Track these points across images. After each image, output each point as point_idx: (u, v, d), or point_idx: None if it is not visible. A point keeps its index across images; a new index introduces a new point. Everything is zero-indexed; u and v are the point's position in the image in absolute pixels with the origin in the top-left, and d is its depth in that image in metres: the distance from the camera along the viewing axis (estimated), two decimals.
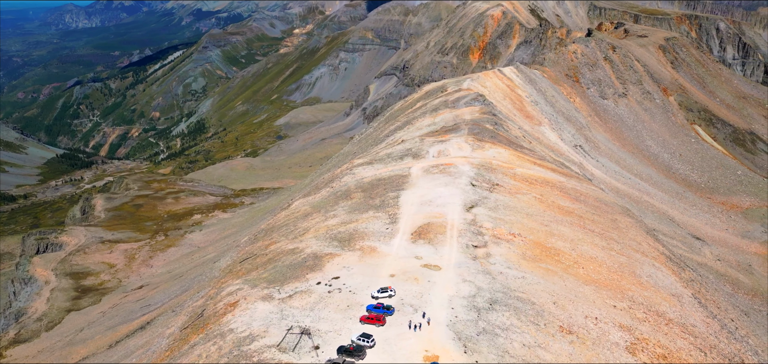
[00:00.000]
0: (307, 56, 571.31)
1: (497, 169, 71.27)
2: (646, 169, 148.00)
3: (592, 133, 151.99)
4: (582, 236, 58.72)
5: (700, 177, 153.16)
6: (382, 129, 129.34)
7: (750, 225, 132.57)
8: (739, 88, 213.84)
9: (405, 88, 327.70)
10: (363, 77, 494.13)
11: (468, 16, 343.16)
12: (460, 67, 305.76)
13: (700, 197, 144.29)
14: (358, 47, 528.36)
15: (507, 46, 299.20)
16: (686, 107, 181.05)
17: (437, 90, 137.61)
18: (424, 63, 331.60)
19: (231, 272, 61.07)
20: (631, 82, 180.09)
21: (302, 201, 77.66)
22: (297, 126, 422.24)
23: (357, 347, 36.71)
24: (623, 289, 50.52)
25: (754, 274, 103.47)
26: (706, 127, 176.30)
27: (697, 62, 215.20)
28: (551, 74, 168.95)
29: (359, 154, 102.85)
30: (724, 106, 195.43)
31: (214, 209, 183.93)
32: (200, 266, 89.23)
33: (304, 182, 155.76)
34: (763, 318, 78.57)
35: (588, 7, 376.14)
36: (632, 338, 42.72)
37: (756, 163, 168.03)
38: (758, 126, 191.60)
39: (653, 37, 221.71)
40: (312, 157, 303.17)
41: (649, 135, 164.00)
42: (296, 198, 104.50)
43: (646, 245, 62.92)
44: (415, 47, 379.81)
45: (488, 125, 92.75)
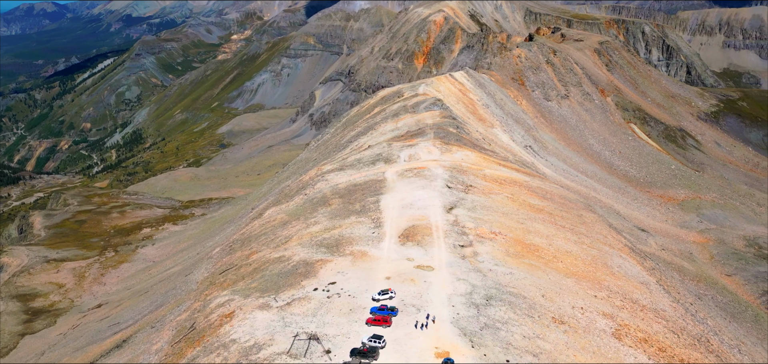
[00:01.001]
0: (248, 62, 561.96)
1: (468, 171, 73.87)
2: (590, 166, 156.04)
3: (540, 133, 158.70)
4: (555, 231, 62.07)
5: (639, 172, 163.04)
6: (341, 135, 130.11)
7: (686, 216, 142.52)
8: (668, 88, 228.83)
9: (352, 94, 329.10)
10: (307, 83, 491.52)
11: (411, 22, 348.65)
12: (406, 72, 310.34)
13: (640, 191, 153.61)
14: (300, 53, 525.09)
15: (450, 51, 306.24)
16: (622, 107, 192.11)
17: (394, 95, 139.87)
18: (369, 68, 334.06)
19: (213, 284, 60.44)
20: (572, 84, 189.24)
21: (276, 209, 77.53)
22: (241, 134, 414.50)
23: (370, 349, 37.71)
24: (599, 280, 54.01)
25: (696, 261, 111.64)
26: (641, 125, 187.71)
27: (628, 64, 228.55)
28: (498, 78, 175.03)
29: (325, 161, 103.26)
30: (655, 105, 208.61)
31: (164, 221, 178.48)
32: (166, 280, 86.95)
33: (261, 190, 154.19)
34: (711, 301, 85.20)
35: (524, 13, 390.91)
36: (616, 325, 45.96)
37: (687, 157, 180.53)
38: (686, 123, 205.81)
39: (588, 41, 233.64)
40: (260, 165, 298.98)
41: (590, 134, 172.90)
42: (261, 206, 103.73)
43: (611, 237, 67.20)
44: (359, 52, 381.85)
45: (451, 129, 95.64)
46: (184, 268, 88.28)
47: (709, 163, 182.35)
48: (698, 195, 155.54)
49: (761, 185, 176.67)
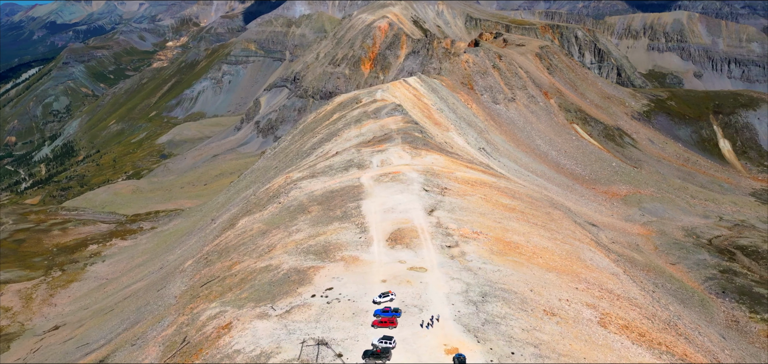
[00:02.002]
0: (187, 70, 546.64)
1: (440, 174, 76.08)
2: (539, 166, 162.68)
3: (491, 135, 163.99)
4: (529, 229, 65.13)
5: (584, 170, 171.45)
6: (301, 142, 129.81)
7: (630, 210, 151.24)
8: (603, 90, 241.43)
9: (299, 100, 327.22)
10: (249, 90, 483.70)
11: (356, 28, 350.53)
12: (353, 77, 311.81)
13: (586, 188, 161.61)
14: (241, 59, 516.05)
15: (396, 57, 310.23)
16: (565, 108, 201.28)
17: (352, 101, 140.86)
18: (316, 74, 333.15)
19: (198, 297, 59.54)
20: (518, 87, 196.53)
21: (250, 219, 77.00)
22: (182, 144, 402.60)
23: (383, 350, 38.72)
24: (577, 273, 57.25)
25: (643, 252, 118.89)
26: (583, 125, 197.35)
27: (567, 68, 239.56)
28: (449, 83, 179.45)
29: (290, 168, 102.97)
30: (593, 106, 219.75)
31: (111, 237, 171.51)
32: (133, 297, 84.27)
33: (217, 200, 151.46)
34: (662, 289, 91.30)
35: (465, 18, 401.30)
36: (599, 314, 49.04)
37: (625, 154, 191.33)
38: (622, 122, 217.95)
39: (530, 46, 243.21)
40: (206, 175, 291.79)
41: (537, 135, 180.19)
42: (226, 217, 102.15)
43: (578, 233, 71.09)
44: (304, 59, 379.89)
45: (417, 134, 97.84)
46: (151, 283, 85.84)
47: (645, 160, 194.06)
48: (638, 190, 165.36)
49: (693, 179, 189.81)
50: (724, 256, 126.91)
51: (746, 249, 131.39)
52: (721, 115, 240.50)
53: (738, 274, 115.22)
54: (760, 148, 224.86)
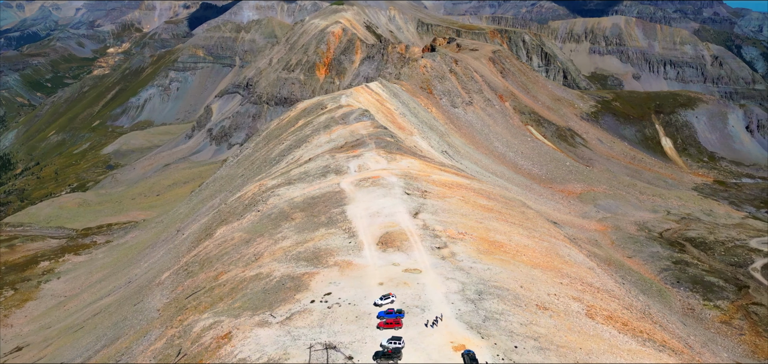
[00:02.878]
0: (131, 77, 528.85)
1: (418, 177, 77.68)
2: (499, 167, 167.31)
3: (452, 138, 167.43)
4: (508, 228, 67.55)
5: (540, 170, 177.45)
6: (267, 149, 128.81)
7: (585, 207, 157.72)
8: (553, 92, 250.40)
9: (253, 106, 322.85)
10: (199, 97, 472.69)
11: (309, 33, 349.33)
12: (308, 83, 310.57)
13: (544, 187, 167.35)
14: (189, 66, 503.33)
15: (351, 62, 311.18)
16: (519, 111, 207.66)
17: (316, 107, 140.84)
18: (270, 80, 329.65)
19: (185, 308, 58.70)
20: (474, 91, 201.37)
21: (228, 228, 76.29)
22: (129, 154, 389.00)
23: (394, 350, 39.64)
24: (558, 268, 59.94)
25: (602, 247, 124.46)
26: (537, 126, 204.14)
27: (519, 71, 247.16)
28: (409, 88, 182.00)
29: (261, 176, 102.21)
30: (545, 108, 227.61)
31: (63, 252, 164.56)
32: (105, 313, 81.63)
33: (178, 210, 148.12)
34: (627, 281, 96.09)
35: (417, 24, 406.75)
36: (585, 306, 51.67)
37: (578, 154, 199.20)
38: (573, 123, 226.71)
39: (482, 51, 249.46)
40: (158, 186, 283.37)
41: (495, 137, 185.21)
42: (195, 228, 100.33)
43: (552, 230, 74.18)
44: (257, 64, 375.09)
45: (388, 138, 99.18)
46: (123, 298, 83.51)
47: (596, 159, 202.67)
48: (592, 188, 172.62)
49: (640, 176, 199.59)
50: (675, 248, 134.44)
51: (694, 241, 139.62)
52: (662, 114, 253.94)
53: (689, 264, 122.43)
54: (699, 145, 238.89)
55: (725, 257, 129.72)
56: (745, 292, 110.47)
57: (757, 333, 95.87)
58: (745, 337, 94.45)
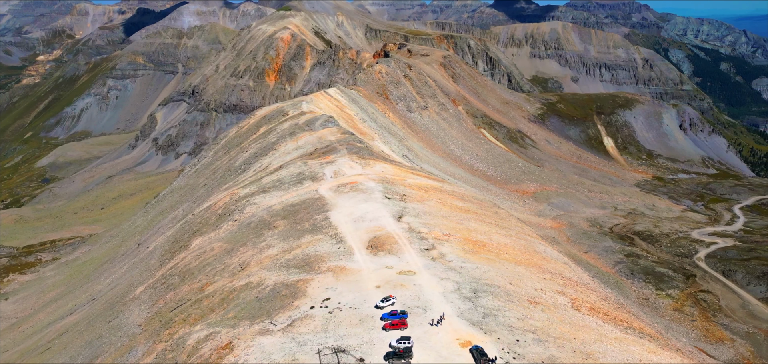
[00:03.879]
0: (66, 86, 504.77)
1: (395, 182, 79.05)
2: (456, 169, 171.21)
3: (410, 142, 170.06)
4: (487, 228, 69.91)
5: (495, 171, 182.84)
6: (228, 157, 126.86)
7: (540, 206, 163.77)
8: (502, 96, 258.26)
9: (201, 114, 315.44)
10: (140, 105, 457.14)
11: (257, 39, 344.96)
12: (258, 89, 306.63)
13: (500, 187, 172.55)
14: (128, 73, 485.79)
15: (302, 68, 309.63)
16: (472, 114, 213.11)
17: (277, 114, 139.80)
18: (217, 87, 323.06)
19: (172, 322, 57.61)
20: (428, 96, 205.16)
21: (205, 239, 75.19)
22: (67, 166, 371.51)
23: (405, 349, 40.64)
24: (538, 264, 62.67)
25: (560, 243, 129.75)
26: (489, 129, 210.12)
27: (469, 76, 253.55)
28: (366, 93, 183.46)
29: (229, 185, 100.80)
30: (495, 111, 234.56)
31: (7, 272, 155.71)
32: (73, 332, 78.30)
33: (134, 223, 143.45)
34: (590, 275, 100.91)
35: (365, 29, 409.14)
36: (569, 300, 54.40)
37: (529, 155, 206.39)
38: (522, 125, 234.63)
39: (433, 56, 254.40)
40: (102, 199, 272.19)
41: (451, 140, 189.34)
42: (161, 240, 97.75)
43: (525, 228, 77.26)
44: (202, 71, 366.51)
45: (358, 144, 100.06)
46: (92, 315, 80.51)
47: (545, 159, 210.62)
48: (545, 187, 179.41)
49: (587, 174, 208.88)
50: (625, 242, 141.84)
51: (642, 234, 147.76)
52: (603, 115, 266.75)
53: (640, 257, 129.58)
54: (638, 143, 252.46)
55: (671, 248, 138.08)
56: (693, 281, 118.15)
57: (707, 319, 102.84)
58: (697, 323, 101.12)
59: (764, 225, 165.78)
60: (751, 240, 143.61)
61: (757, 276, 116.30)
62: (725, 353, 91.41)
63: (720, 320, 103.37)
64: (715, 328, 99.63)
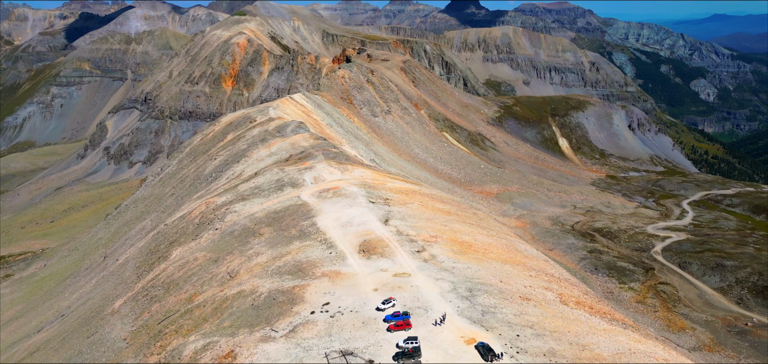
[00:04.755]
0: (6, 94, 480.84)
1: (376, 186, 79.93)
2: (422, 172, 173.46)
3: (376, 147, 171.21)
4: (470, 229, 71.70)
5: (459, 174, 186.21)
6: (196, 165, 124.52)
7: (504, 206, 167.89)
8: (461, 99, 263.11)
9: (155, 122, 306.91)
10: (87, 114, 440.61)
11: (211, 45, 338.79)
12: (215, 95, 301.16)
13: (464, 189, 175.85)
14: (74, 80, 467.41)
15: (260, 73, 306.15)
16: (434, 118, 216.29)
17: (244, 120, 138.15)
18: (171, 93, 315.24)
19: (162, 334, 56.56)
20: (391, 100, 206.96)
21: (185, 249, 73.99)
22: (10, 178, 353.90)
23: (414, 349, 41.50)
24: (523, 262, 64.82)
25: (527, 242, 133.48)
26: (451, 132, 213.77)
27: (429, 80, 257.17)
28: (330, 98, 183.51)
29: (203, 194, 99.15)
30: (456, 115, 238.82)
31: None
32: (44, 351, 75.20)
33: (96, 235, 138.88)
34: None
35: (322, 34, 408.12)
36: (557, 295, 56.62)
37: (489, 157, 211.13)
38: (481, 128, 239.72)
39: (393, 61, 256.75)
40: (51, 211, 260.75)
41: (415, 144, 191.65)
42: (132, 252, 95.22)
43: (504, 228, 79.56)
44: (154, 77, 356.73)
45: (333, 149, 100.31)
46: (65, 332, 77.74)
47: (505, 160, 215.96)
48: (507, 188, 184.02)
49: (545, 174, 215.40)
50: (586, 238, 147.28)
51: (602, 231, 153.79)
52: (558, 117, 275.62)
53: (602, 252, 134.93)
54: (591, 143, 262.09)
55: (629, 243, 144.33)
56: (652, 273, 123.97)
57: (668, 309, 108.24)
58: (659, 314, 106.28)
59: (711, 219, 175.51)
60: (702, 233, 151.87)
61: (711, 267, 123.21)
62: (688, 341, 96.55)
63: (680, 310, 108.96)
64: (677, 318, 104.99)
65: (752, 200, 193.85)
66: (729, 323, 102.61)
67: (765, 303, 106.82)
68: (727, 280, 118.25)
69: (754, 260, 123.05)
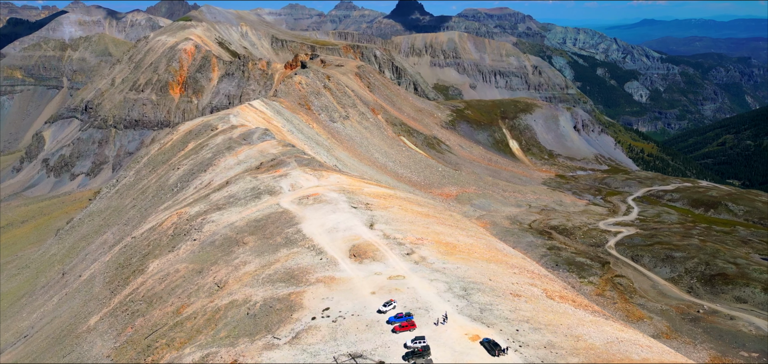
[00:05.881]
0: None
1: (354, 192, 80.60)
2: (383, 177, 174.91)
3: (337, 152, 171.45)
4: (450, 230, 73.51)
5: (418, 177, 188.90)
6: (158, 176, 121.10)
7: (464, 207, 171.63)
8: (415, 104, 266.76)
9: (98, 131, 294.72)
10: (21, 124, 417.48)
11: (156, 51, 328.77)
12: (162, 103, 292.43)
13: (425, 192, 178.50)
14: (5, 89, 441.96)
15: (209, 80, 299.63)
16: (391, 123, 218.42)
17: (204, 128, 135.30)
18: (115, 102, 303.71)
19: (152, 348, 55.25)
20: (349, 106, 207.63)
21: (164, 261, 72.34)
22: None
23: (424, 348, 42.51)
24: (504, 261, 67.12)
25: None
26: (408, 137, 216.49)
27: (383, 85, 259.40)
28: (288, 105, 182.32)
29: (170, 205, 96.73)
30: (411, 119, 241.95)
31: None
32: None
33: (48, 252, 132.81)
34: None
35: (271, 39, 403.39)
36: (542, 290, 59.10)
37: (446, 160, 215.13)
38: (436, 132, 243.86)
39: (348, 66, 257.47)
40: None
41: (374, 149, 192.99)
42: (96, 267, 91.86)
43: (480, 228, 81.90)
44: (95, 85, 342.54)
45: (304, 156, 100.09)
46: (31, 352, 74.26)
47: (461, 163, 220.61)
48: (465, 189, 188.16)
49: (499, 175, 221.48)
50: (544, 236, 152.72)
51: (558, 228, 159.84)
52: (507, 119, 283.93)
53: (561, 249, 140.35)
54: (540, 144, 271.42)
55: (585, 239, 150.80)
56: (608, 267, 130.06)
57: (626, 301, 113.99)
58: (619, 305, 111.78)
59: (655, 213, 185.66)
60: (650, 227, 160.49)
61: (661, 259, 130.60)
62: (647, 330, 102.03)
63: (636, 300, 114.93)
64: (635, 308, 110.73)
65: (690, 195, 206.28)
66: (682, 311, 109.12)
67: (713, 291, 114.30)
68: (677, 270, 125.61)
69: (700, 251, 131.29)
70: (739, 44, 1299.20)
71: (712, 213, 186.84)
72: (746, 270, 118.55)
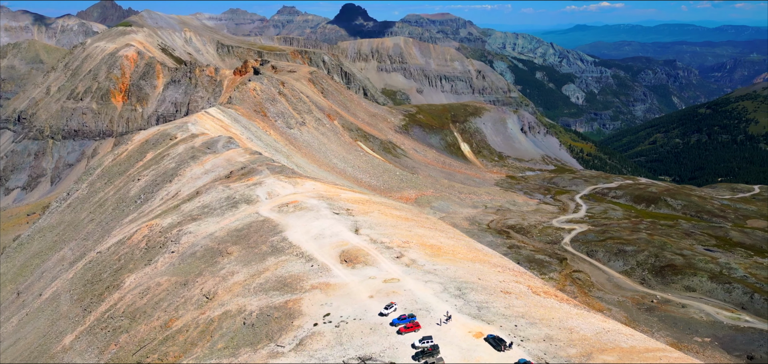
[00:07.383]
0: None
1: (333, 197, 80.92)
2: (343, 182, 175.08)
3: (296, 159, 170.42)
4: (432, 233, 75.04)
5: (377, 181, 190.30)
6: (117, 188, 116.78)
7: (424, 210, 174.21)
8: (368, 109, 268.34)
9: (34, 142, 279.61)
10: None
11: (95, 57, 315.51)
12: (104, 112, 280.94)
13: (385, 196, 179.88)
14: None
15: (154, 87, 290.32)
16: (347, 128, 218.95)
17: (161, 137, 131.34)
18: (52, 111, 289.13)
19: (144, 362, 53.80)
20: (305, 112, 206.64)
21: (141, 275, 70.29)
22: None
23: (433, 347, 43.56)
24: (486, 260, 69.25)
25: None
26: (365, 142, 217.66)
27: (336, 90, 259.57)
28: (244, 112, 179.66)
29: (138, 216, 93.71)
30: (366, 124, 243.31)
31: None
32: None
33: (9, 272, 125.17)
34: None
35: (216, 45, 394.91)
36: (527, 287, 61.45)
37: (402, 164, 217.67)
38: (391, 136, 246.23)
39: (300, 72, 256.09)
40: None
41: (332, 154, 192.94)
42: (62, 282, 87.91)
43: (457, 230, 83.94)
44: (28, 94, 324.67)
45: (275, 163, 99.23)
46: None
47: (417, 166, 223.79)
48: (423, 192, 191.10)
49: (454, 178, 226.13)
50: (503, 235, 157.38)
51: (515, 227, 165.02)
52: (458, 123, 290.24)
53: (520, 247, 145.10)
54: (490, 147, 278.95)
55: (541, 237, 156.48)
56: (566, 263, 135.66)
57: (586, 294, 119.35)
58: (579, 299, 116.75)
59: (602, 210, 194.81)
60: (600, 223, 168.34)
61: (614, 253, 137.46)
62: None
63: (595, 294, 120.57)
64: (594, 301, 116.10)
65: (632, 191, 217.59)
66: (637, 302, 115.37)
67: (664, 281, 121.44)
68: (630, 263, 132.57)
69: (649, 244, 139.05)
70: (665, 48, 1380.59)
71: (653, 208, 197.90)
72: (693, 261, 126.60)
